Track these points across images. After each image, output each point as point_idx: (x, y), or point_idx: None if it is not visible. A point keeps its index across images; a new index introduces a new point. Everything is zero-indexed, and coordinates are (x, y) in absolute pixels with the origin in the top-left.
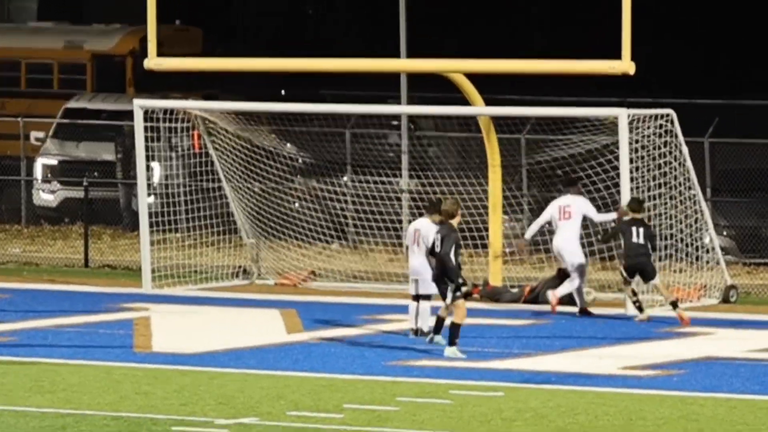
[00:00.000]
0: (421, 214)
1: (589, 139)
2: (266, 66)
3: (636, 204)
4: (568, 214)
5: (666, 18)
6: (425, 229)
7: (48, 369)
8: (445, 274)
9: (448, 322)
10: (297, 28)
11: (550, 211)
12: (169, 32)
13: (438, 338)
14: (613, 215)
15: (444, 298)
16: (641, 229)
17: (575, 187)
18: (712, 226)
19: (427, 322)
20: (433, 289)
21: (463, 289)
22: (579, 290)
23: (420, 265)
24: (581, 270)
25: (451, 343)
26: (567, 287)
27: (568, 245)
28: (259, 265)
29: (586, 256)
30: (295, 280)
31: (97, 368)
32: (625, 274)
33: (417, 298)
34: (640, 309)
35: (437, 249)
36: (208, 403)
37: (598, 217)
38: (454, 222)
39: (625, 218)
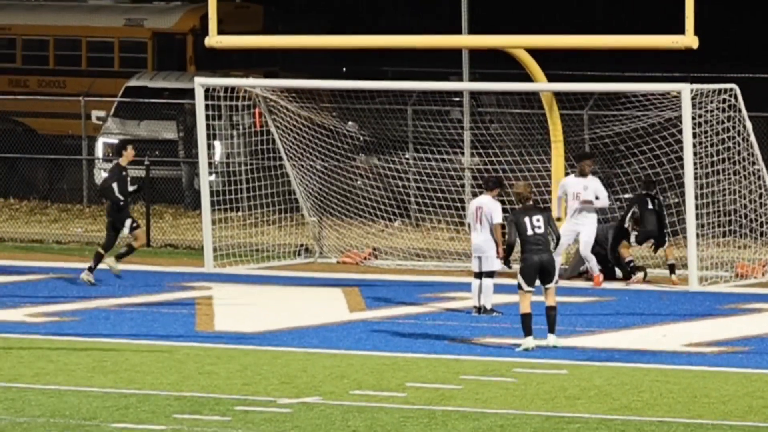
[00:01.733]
0: (482, 192)
1: (653, 114)
2: (327, 43)
3: (648, 184)
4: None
5: None
6: (487, 206)
7: (110, 349)
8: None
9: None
10: (357, 3)
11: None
12: (230, 9)
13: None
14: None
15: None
16: (656, 201)
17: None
18: None
19: (490, 300)
20: (496, 265)
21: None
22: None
23: (483, 242)
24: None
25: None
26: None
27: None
28: (321, 244)
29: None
30: (357, 259)
31: (160, 348)
32: (634, 239)
33: (479, 275)
34: (636, 269)
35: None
36: (270, 382)
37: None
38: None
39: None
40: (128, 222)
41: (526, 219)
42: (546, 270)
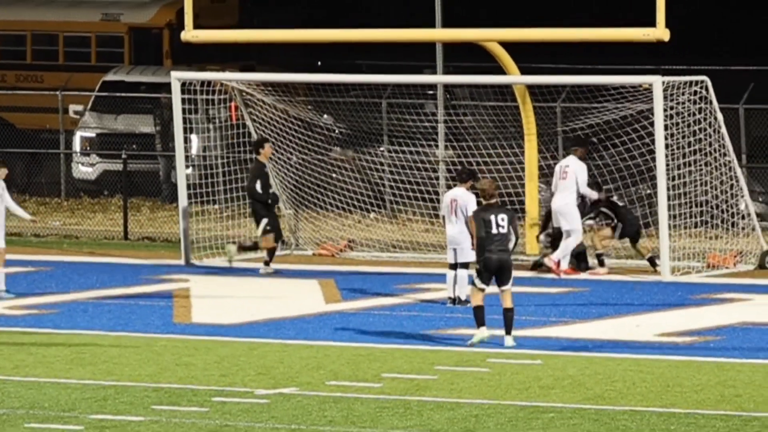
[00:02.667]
0: (456, 184)
1: (624, 106)
2: (302, 37)
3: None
4: (565, 174)
5: None
6: (462, 198)
7: (89, 341)
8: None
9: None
10: None
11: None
12: (206, 4)
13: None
14: (595, 195)
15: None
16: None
17: (579, 149)
18: (747, 193)
19: (465, 290)
20: (471, 257)
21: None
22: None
23: (458, 234)
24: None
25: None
26: (562, 249)
27: (566, 208)
28: (297, 236)
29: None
30: (333, 250)
31: (138, 340)
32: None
33: (455, 266)
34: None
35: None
36: (247, 373)
37: (584, 189)
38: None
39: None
40: (263, 222)
41: (492, 216)
42: (504, 270)
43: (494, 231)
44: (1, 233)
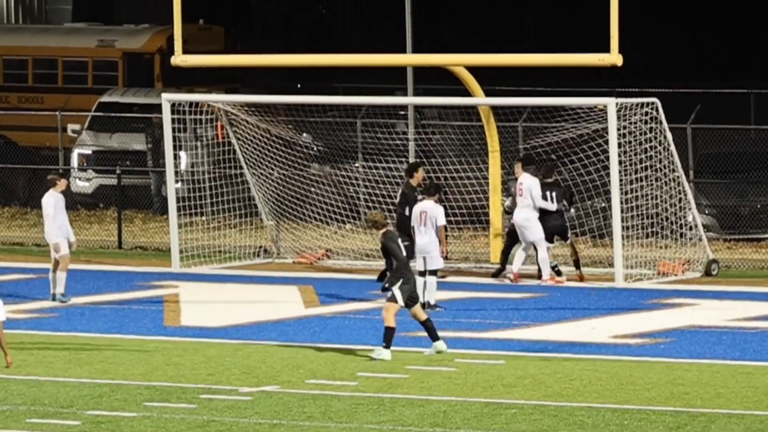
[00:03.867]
0: (424, 198)
1: (581, 126)
2: (283, 61)
3: (546, 170)
4: (521, 191)
5: (650, 4)
6: (431, 210)
7: (85, 342)
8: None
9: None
10: (310, 24)
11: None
12: (194, 31)
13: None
14: (552, 206)
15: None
16: (554, 193)
17: (531, 167)
18: (694, 206)
19: (434, 295)
20: (439, 264)
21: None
22: (542, 260)
23: (428, 243)
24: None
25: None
26: (543, 265)
27: (527, 222)
28: (279, 245)
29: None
30: (312, 259)
31: (131, 341)
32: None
33: (424, 273)
34: (559, 273)
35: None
36: (233, 372)
37: (540, 202)
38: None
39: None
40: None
41: (399, 241)
42: (416, 290)
43: (405, 253)
44: (65, 242)
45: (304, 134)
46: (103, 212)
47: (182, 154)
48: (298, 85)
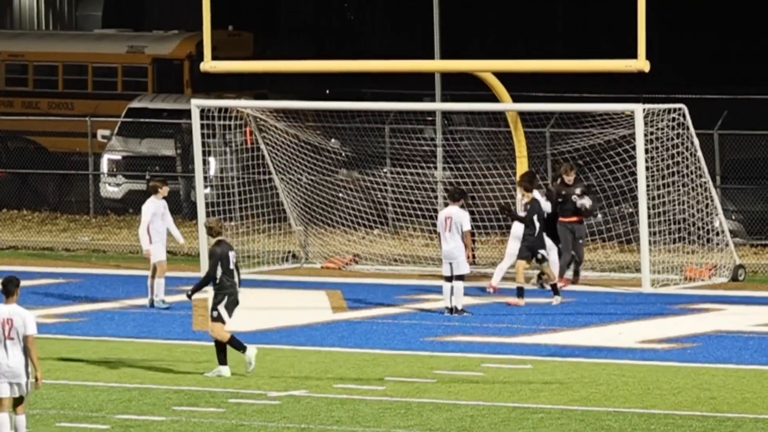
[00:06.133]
0: (448, 203)
1: (608, 131)
2: (312, 67)
3: (532, 182)
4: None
5: (678, 11)
6: (456, 215)
7: (115, 347)
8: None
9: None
10: (338, 30)
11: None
12: (223, 37)
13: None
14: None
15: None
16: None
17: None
18: (721, 211)
19: (461, 301)
20: (466, 269)
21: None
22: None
23: (454, 249)
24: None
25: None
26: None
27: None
28: (307, 250)
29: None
30: (340, 264)
31: (160, 346)
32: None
33: (450, 278)
34: (521, 294)
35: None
36: (261, 377)
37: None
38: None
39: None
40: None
41: (229, 254)
42: (237, 304)
43: (231, 267)
44: (162, 248)
45: (333, 140)
46: (133, 217)
47: (211, 159)
48: (327, 91)
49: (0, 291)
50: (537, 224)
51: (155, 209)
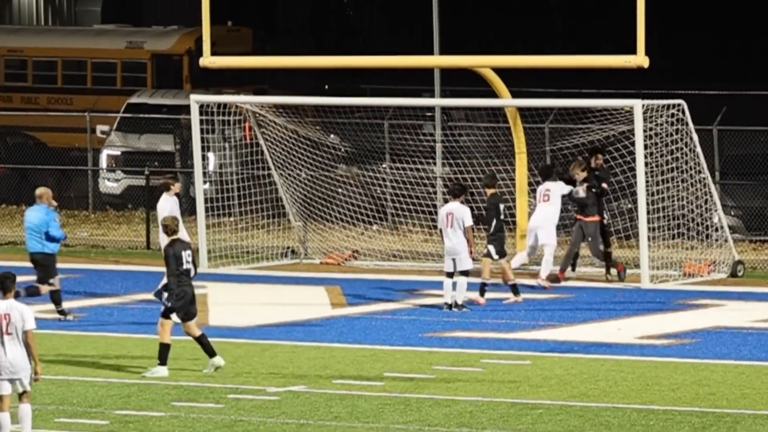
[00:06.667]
0: (449, 199)
1: (607, 128)
2: (311, 63)
3: (491, 179)
4: (547, 197)
5: (677, 8)
6: (458, 211)
7: (114, 342)
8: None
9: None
10: (337, 26)
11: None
12: (222, 33)
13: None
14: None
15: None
16: (501, 206)
17: (552, 175)
18: (720, 207)
19: (463, 296)
20: (469, 265)
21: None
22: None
23: (457, 245)
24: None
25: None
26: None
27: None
28: (306, 246)
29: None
30: (339, 260)
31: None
32: (495, 251)
33: (451, 275)
34: (483, 293)
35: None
36: (260, 372)
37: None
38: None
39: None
40: (489, 247)
41: (183, 253)
42: (194, 302)
43: (184, 266)
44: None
45: (332, 135)
46: (132, 213)
47: (210, 155)
48: (326, 87)
49: None
50: (494, 222)
51: (170, 206)
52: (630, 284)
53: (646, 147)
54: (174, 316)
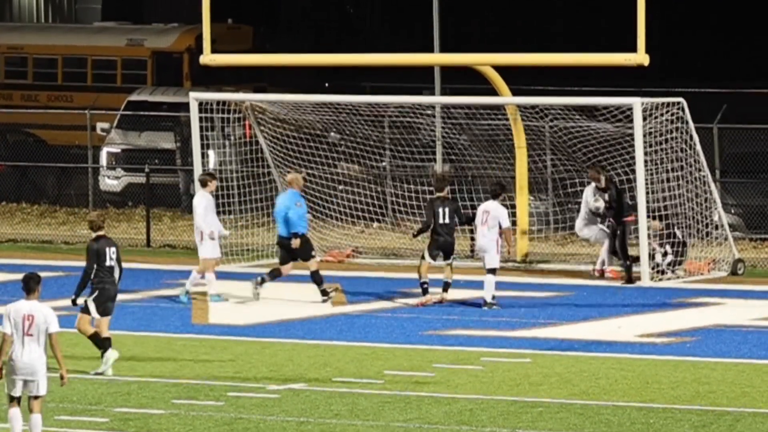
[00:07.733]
0: (488, 198)
1: (607, 125)
2: (311, 61)
3: (439, 182)
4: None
5: (677, 6)
6: (495, 210)
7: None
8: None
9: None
10: (338, 23)
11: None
12: (222, 30)
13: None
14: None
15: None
16: (446, 209)
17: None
18: (720, 205)
19: (491, 293)
20: (495, 264)
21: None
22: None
23: (487, 243)
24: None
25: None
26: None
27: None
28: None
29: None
30: (339, 257)
31: (159, 339)
32: (429, 253)
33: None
34: (426, 291)
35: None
36: (260, 370)
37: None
38: None
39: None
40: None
41: (107, 249)
42: (113, 301)
43: (107, 264)
44: (215, 243)
45: (332, 133)
46: (132, 210)
47: (210, 152)
48: (326, 84)
49: (21, 288)
50: (452, 224)
51: (206, 203)
52: (625, 283)
53: (646, 145)
54: (94, 312)
